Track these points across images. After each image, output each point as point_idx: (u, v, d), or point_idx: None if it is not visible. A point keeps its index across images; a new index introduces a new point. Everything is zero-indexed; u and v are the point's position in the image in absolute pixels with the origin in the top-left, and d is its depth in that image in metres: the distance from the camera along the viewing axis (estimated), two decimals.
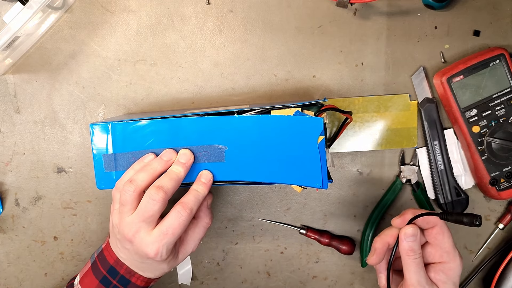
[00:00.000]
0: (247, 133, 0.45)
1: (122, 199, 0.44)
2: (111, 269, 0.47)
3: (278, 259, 0.62)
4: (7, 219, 0.60)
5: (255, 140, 0.45)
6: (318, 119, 0.44)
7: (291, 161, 0.45)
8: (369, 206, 0.60)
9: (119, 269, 0.47)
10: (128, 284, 0.47)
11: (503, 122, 0.54)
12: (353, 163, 0.59)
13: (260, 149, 0.45)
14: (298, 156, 0.45)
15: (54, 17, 0.55)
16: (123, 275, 0.47)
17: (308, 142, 0.44)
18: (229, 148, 0.45)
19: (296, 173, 0.45)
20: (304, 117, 0.44)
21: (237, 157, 0.45)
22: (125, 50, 0.57)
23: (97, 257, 0.49)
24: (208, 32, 0.57)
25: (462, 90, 0.54)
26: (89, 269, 0.49)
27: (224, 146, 0.45)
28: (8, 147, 0.58)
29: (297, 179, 0.45)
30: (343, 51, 0.57)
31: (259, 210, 0.61)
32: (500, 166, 0.55)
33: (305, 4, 0.56)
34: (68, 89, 0.57)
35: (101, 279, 0.47)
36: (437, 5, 0.53)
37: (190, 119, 0.45)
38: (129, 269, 0.47)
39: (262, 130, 0.45)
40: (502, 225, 0.59)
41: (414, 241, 0.44)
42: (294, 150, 0.44)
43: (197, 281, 0.62)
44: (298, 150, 0.44)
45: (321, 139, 0.44)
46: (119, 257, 0.47)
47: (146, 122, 0.46)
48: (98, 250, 0.50)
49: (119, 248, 0.47)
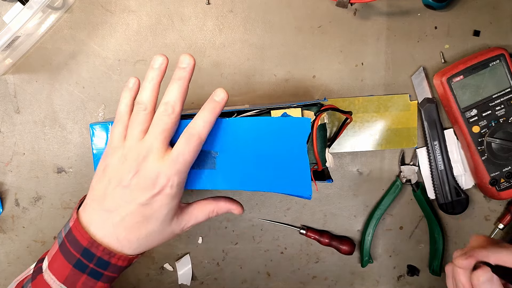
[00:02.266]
0: (236, 137, 0.41)
1: (132, 121, 0.39)
2: (85, 251, 0.39)
3: (278, 259, 0.62)
4: (7, 219, 0.60)
5: (245, 145, 0.41)
6: (305, 119, 0.41)
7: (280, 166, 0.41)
8: (369, 206, 0.60)
9: (95, 251, 0.39)
10: (108, 266, 0.40)
11: (503, 122, 0.54)
12: (353, 163, 0.59)
13: (251, 155, 0.41)
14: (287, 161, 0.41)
15: (54, 17, 0.55)
16: (100, 257, 0.39)
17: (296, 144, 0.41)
18: (220, 154, 0.42)
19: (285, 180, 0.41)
20: (291, 118, 0.43)
21: (227, 164, 0.42)
22: (125, 50, 0.57)
23: (65, 237, 0.41)
24: (208, 32, 0.57)
25: (462, 90, 0.54)
26: (57, 251, 0.41)
27: (216, 152, 0.42)
28: (8, 147, 0.58)
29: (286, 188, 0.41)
30: (343, 51, 0.57)
31: (259, 210, 0.61)
32: (500, 166, 0.55)
33: (305, 4, 0.56)
34: (68, 89, 0.57)
35: (74, 264, 0.40)
36: (437, 5, 0.53)
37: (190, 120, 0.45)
38: (108, 250, 0.39)
39: (252, 134, 0.41)
40: (502, 225, 0.59)
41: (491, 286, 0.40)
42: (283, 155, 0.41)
43: (197, 281, 0.62)
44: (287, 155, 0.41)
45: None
46: (95, 233, 0.40)
47: None
48: (66, 229, 0.41)
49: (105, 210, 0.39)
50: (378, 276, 0.62)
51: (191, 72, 0.40)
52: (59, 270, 0.40)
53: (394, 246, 0.62)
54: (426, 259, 0.62)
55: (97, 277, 0.40)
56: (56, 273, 0.40)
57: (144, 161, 0.38)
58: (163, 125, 0.38)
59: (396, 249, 0.62)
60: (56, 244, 0.42)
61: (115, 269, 0.41)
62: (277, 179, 0.40)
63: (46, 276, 0.41)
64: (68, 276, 0.40)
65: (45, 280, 0.41)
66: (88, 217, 0.40)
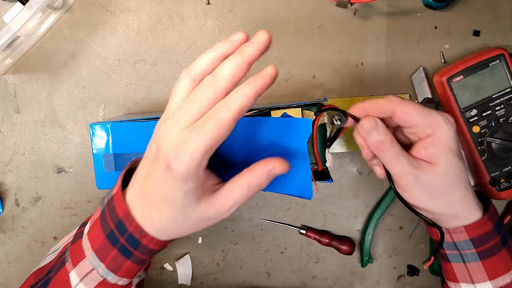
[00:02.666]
0: (236, 137, 0.41)
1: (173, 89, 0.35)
2: (120, 224, 0.36)
3: (278, 259, 0.62)
4: (7, 219, 0.60)
5: (245, 145, 0.41)
6: (306, 120, 0.40)
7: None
8: (369, 206, 0.60)
9: (128, 225, 0.36)
10: (138, 246, 0.37)
11: (503, 122, 0.54)
12: (353, 163, 0.59)
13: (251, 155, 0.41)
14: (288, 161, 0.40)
15: (54, 17, 0.55)
16: (132, 234, 0.36)
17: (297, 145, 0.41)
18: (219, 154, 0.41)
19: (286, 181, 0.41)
20: (292, 118, 0.42)
21: (227, 164, 0.42)
22: (125, 50, 0.57)
23: (107, 204, 0.38)
24: (208, 32, 0.57)
25: (462, 90, 0.54)
26: (97, 218, 0.38)
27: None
28: (8, 147, 0.58)
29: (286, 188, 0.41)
30: (343, 51, 0.57)
31: (259, 210, 0.61)
32: (500, 166, 0.55)
33: (305, 4, 0.56)
34: (68, 89, 0.57)
35: (108, 234, 0.37)
36: (437, 5, 0.53)
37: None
38: (139, 227, 0.36)
39: (252, 134, 0.41)
40: None
41: (377, 132, 0.38)
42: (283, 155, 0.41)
43: (197, 281, 0.62)
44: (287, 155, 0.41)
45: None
46: (129, 203, 0.37)
47: (146, 122, 0.46)
48: (109, 195, 0.39)
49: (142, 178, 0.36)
50: (378, 276, 0.62)
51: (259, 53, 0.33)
52: (94, 238, 0.38)
53: (394, 246, 0.62)
54: (426, 259, 0.62)
55: (127, 255, 0.37)
56: (92, 240, 0.38)
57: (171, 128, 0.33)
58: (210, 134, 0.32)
59: (396, 249, 0.62)
60: (98, 210, 0.39)
61: (145, 251, 0.37)
62: (277, 179, 0.39)
63: (84, 241, 0.39)
64: (101, 246, 0.37)
65: (82, 246, 0.39)
66: (129, 187, 0.38)
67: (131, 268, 0.38)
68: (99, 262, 0.38)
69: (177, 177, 0.33)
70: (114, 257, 0.37)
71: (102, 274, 0.38)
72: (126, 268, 0.38)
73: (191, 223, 0.36)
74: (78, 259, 0.38)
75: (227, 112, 0.32)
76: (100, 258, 0.37)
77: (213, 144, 0.32)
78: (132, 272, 0.39)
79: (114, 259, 0.37)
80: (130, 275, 0.39)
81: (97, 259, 0.38)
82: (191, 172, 0.32)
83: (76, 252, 0.39)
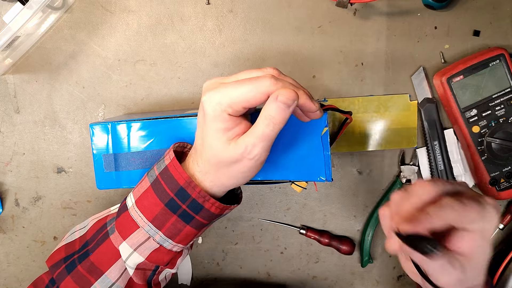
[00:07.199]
0: None
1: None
2: (181, 191, 0.38)
3: (278, 259, 0.62)
4: (7, 219, 0.60)
5: None
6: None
7: (296, 157, 0.44)
8: (369, 206, 0.60)
9: (191, 191, 0.38)
10: (200, 210, 0.39)
11: (503, 122, 0.54)
12: (353, 163, 0.59)
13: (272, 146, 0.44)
14: (303, 151, 0.44)
15: (54, 17, 0.55)
16: (195, 199, 0.38)
17: (312, 135, 0.44)
18: None
19: (301, 169, 0.44)
20: None
21: None
22: (125, 50, 0.57)
23: (159, 175, 0.39)
24: (208, 32, 0.57)
25: (462, 90, 0.54)
26: (148, 189, 0.40)
27: None
28: (8, 147, 0.58)
29: (302, 175, 0.44)
30: (343, 51, 0.57)
31: (259, 210, 0.61)
32: (500, 166, 0.55)
33: (305, 4, 0.56)
34: (68, 89, 0.57)
35: (167, 203, 0.39)
36: (437, 5, 0.53)
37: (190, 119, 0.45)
38: (203, 193, 0.38)
39: None
40: (502, 225, 0.59)
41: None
42: (298, 145, 0.44)
43: (197, 281, 0.62)
44: (303, 145, 0.44)
45: (325, 131, 0.44)
46: (195, 173, 0.39)
47: (146, 122, 0.46)
48: (160, 167, 0.40)
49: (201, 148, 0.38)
50: (378, 276, 0.62)
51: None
52: (148, 208, 0.39)
53: None
54: None
55: (187, 220, 0.39)
56: (145, 210, 0.39)
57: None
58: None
59: None
60: (145, 182, 0.41)
61: (207, 215, 0.39)
62: (292, 167, 0.43)
63: (133, 213, 0.40)
64: (158, 215, 0.39)
65: (132, 217, 0.40)
66: (188, 156, 0.40)
67: (190, 233, 0.40)
68: (156, 230, 0.39)
69: (207, 117, 0.36)
70: (174, 223, 0.39)
71: (158, 241, 0.40)
72: (185, 233, 0.40)
73: (226, 170, 0.38)
74: (129, 230, 0.40)
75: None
76: (157, 226, 0.39)
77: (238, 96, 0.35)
78: (189, 237, 0.41)
79: (174, 225, 0.39)
80: (186, 241, 0.41)
81: (153, 227, 0.39)
82: (217, 113, 0.36)
83: (125, 224, 0.41)
